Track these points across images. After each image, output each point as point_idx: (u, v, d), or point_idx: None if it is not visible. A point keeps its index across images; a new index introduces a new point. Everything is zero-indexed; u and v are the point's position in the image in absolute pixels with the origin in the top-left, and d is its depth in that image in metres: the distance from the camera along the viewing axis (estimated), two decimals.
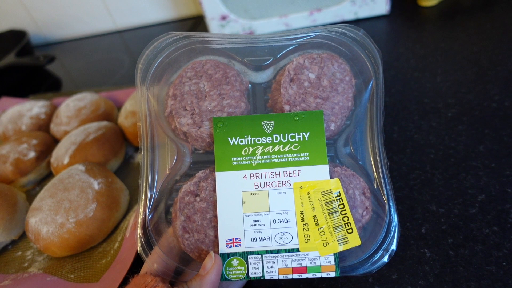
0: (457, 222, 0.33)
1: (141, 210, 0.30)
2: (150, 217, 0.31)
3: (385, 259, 0.28)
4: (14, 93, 0.77)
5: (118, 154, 0.49)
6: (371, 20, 0.68)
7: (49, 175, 0.53)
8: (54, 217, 0.38)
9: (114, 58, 0.86)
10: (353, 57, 0.31)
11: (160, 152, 0.33)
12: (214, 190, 0.30)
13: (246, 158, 0.30)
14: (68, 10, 0.99)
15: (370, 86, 0.31)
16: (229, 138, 0.31)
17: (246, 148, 0.30)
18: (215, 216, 0.30)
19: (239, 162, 0.30)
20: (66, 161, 0.46)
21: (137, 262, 0.34)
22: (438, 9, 0.66)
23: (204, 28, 0.81)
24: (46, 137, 0.55)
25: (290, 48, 0.32)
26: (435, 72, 0.51)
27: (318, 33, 0.31)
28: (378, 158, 0.30)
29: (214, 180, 0.30)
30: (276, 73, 0.33)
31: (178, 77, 0.33)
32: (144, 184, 0.31)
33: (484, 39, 0.55)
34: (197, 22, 0.88)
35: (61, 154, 0.47)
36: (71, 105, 0.56)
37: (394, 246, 0.28)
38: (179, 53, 0.33)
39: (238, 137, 0.31)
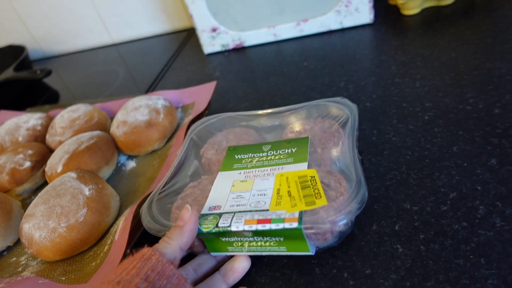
0: (429, 219, 0.34)
1: (154, 191, 0.38)
2: (157, 199, 0.38)
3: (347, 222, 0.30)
4: (14, 106, 0.80)
5: (109, 162, 0.51)
6: (356, 29, 0.70)
7: (44, 184, 0.55)
8: (47, 222, 0.40)
9: (109, 70, 0.89)
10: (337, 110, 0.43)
11: (186, 164, 0.43)
12: (211, 183, 0.37)
13: (244, 164, 0.39)
14: (66, 26, 1.02)
15: (348, 118, 0.41)
16: (235, 155, 0.41)
17: (246, 159, 0.39)
18: (205, 198, 0.36)
19: (238, 166, 0.39)
20: (59, 169, 0.48)
21: None
22: (420, 17, 0.68)
23: (196, 40, 0.84)
24: (41, 148, 0.56)
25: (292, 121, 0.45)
26: (415, 77, 0.53)
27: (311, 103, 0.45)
28: (353, 160, 0.35)
29: (214, 178, 0.38)
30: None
31: (216, 135, 0.46)
32: (168, 175, 0.40)
33: (463, 45, 0.57)
34: (189, 34, 0.91)
35: (55, 163, 0.49)
36: (66, 116, 0.58)
37: (359, 206, 0.30)
38: (217, 122, 0.48)
39: (242, 154, 0.40)
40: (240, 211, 0.32)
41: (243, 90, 0.64)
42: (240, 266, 0.34)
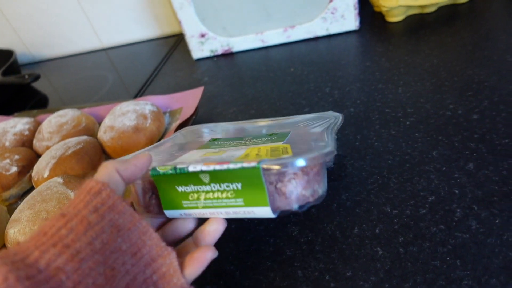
0: (408, 222, 0.35)
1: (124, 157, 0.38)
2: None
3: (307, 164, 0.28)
4: (2, 111, 0.80)
5: (96, 167, 0.51)
6: (342, 35, 0.71)
7: (31, 189, 0.55)
8: (32, 227, 0.40)
9: (99, 75, 0.89)
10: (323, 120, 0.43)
11: (167, 148, 0.43)
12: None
13: (221, 146, 0.39)
14: (55, 30, 1.02)
15: (331, 122, 0.41)
16: (215, 142, 0.42)
17: (224, 144, 0.40)
18: None
19: (214, 148, 0.39)
20: (46, 174, 0.48)
21: None
22: (404, 24, 0.70)
23: (185, 45, 0.84)
24: (28, 153, 0.56)
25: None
26: (397, 83, 0.54)
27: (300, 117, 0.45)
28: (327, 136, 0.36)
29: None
30: None
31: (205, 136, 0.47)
32: (145, 149, 0.41)
33: (444, 52, 0.58)
34: (178, 40, 0.92)
35: (41, 168, 0.49)
36: (53, 121, 0.58)
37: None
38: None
39: (223, 142, 0.41)
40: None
41: (230, 95, 0.64)
42: (212, 228, 0.31)
